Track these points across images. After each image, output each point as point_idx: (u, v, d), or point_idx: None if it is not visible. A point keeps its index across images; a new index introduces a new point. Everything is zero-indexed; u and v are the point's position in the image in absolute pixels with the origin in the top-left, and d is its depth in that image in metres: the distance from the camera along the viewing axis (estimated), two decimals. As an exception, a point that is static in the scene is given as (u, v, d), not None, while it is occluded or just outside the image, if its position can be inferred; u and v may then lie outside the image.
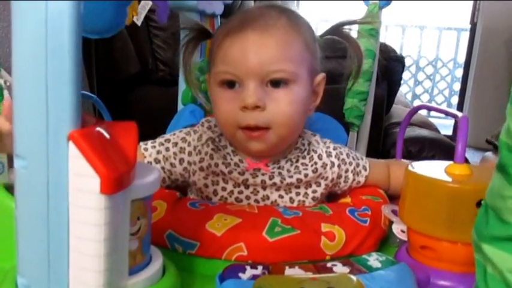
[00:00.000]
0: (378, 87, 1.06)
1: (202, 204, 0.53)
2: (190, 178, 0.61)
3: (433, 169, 0.48)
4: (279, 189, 0.60)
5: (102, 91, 1.41)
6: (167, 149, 0.61)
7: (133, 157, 0.35)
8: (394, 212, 0.55)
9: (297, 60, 0.56)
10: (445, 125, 3.10)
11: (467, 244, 0.33)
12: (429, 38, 4.20)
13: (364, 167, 0.64)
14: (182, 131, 0.63)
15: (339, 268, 0.43)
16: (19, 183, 0.33)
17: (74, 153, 0.31)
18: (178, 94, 0.94)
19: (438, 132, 1.82)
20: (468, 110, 3.28)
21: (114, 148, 0.34)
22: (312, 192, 0.61)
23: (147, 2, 0.92)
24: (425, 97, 4.23)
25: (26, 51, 0.30)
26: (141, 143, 0.62)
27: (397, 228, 0.54)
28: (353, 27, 0.65)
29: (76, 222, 0.32)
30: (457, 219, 0.44)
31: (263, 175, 0.59)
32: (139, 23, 0.93)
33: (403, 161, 0.69)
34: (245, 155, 0.61)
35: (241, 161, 0.60)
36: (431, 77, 4.26)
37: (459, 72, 3.89)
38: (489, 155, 2.00)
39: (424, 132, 1.63)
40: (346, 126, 0.94)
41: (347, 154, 0.64)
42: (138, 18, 0.94)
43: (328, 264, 0.44)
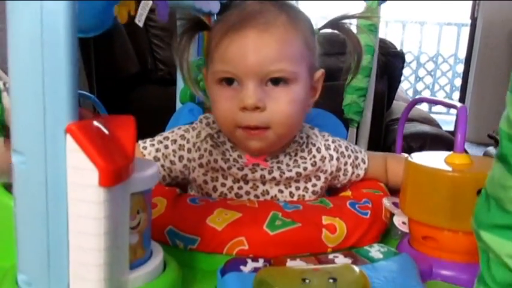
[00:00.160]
0: (378, 83, 1.06)
1: (202, 200, 0.52)
2: (190, 175, 0.61)
3: (433, 159, 0.48)
4: (279, 183, 0.60)
5: (101, 91, 1.42)
6: (166, 147, 0.61)
7: (131, 150, 0.35)
8: (395, 205, 0.55)
9: (297, 58, 0.56)
10: (447, 121, 3.10)
11: (468, 233, 0.32)
12: (429, 34, 4.19)
13: (363, 160, 0.64)
14: (181, 128, 0.63)
15: (341, 259, 0.43)
16: (18, 179, 0.33)
17: (72, 146, 0.31)
18: (176, 93, 0.94)
19: (440, 127, 1.81)
20: (470, 105, 3.27)
21: (112, 141, 0.34)
22: (312, 186, 0.61)
23: (148, 2, 0.92)
24: (426, 93, 4.22)
25: (22, 48, 0.31)
26: (140, 142, 0.62)
27: (399, 220, 0.54)
28: (352, 22, 0.64)
29: (75, 216, 0.32)
30: (458, 208, 0.44)
31: (262, 170, 0.59)
32: (141, 24, 0.93)
33: (400, 155, 0.69)
34: (244, 151, 0.61)
35: (240, 157, 0.60)
36: (432, 73, 4.25)
37: (460, 67, 3.89)
38: (491, 150, 2.00)
39: (426, 127, 1.62)
40: (345, 122, 0.94)
41: (346, 147, 0.64)
42: (140, 18, 0.93)
43: (330, 256, 0.44)
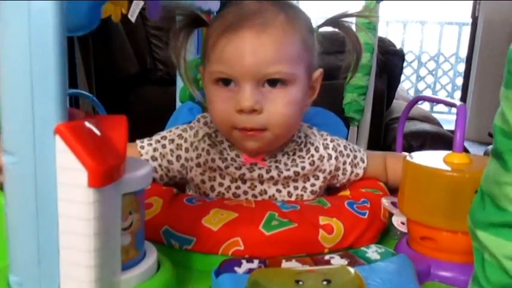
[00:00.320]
0: (377, 81, 1.06)
1: (199, 200, 0.52)
2: (187, 175, 0.61)
3: (432, 159, 0.47)
4: (277, 183, 0.59)
5: (101, 91, 1.42)
6: (164, 146, 0.61)
7: (123, 150, 0.34)
8: (394, 204, 0.54)
9: (295, 59, 0.55)
10: (448, 120, 3.08)
11: (467, 233, 0.32)
12: (430, 33, 4.18)
13: (362, 159, 0.63)
14: (178, 128, 0.63)
15: (337, 261, 0.43)
16: (8, 179, 0.33)
17: (61, 147, 0.31)
18: (176, 92, 0.94)
19: (440, 126, 1.80)
20: (471, 104, 3.26)
21: (103, 141, 0.33)
22: (311, 185, 0.60)
23: (139, 2, 0.91)
24: (427, 92, 4.20)
25: (10, 48, 0.30)
26: (138, 141, 0.61)
27: (397, 220, 0.53)
28: (351, 21, 0.64)
29: (65, 217, 0.32)
30: (457, 208, 0.43)
31: (260, 169, 0.58)
32: (133, 19, 0.93)
33: (400, 154, 0.68)
34: (242, 151, 0.60)
35: (237, 156, 0.60)
36: (433, 72, 4.24)
37: (461, 66, 3.87)
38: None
39: (426, 126, 1.61)
40: (346, 121, 0.93)
41: (344, 146, 0.63)
42: (132, 15, 0.93)
43: (326, 257, 0.43)
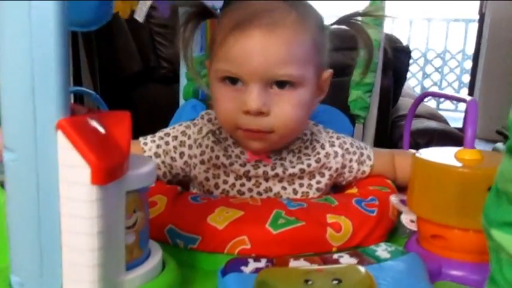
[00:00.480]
0: (383, 78, 1.04)
1: (203, 198, 0.51)
2: (191, 172, 0.60)
3: (442, 155, 0.46)
4: (282, 180, 0.58)
5: (105, 90, 1.41)
6: (167, 143, 0.60)
7: (126, 147, 0.33)
8: (403, 202, 0.53)
9: (304, 60, 0.53)
10: (455, 118, 3.06)
11: (479, 231, 0.31)
12: (437, 30, 4.15)
13: (368, 157, 0.62)
14: (182, 125, 0.62)
15: (346, 259, 0.42)
16: (9, 177, 0.32)
17: (63, 143, 0.30)
18: (179, 90, 0.93)
19: (447, 124, 1.79)
20: (478, 102, 3.23)
21: (106, 138, 0.32)
22: (316, 183, 0.59)
23: (147, 2, 0.90)
24: (434, 90, 4.17)
25: (10, 43, 0.30)
26: (141, 138, 0.61)
27: (406, 218, 0.52)
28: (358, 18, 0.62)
29: (68, 215, 0.31)
30: (469, 205, 0.42)
31: (265, 166, 0.57)
32: (141, 20, 0.92)
33: (408, 151, 0.67)
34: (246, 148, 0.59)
35: (242, 153, 0.59)
36: (439, 70, 4.21)
37: (468, 63, 3.84)
38: (500, 146, 1.97)
39: (433, 124, 1.60)
40: (352, 118, 0.92)
41: (350, 144, 0.62)
42: (140, 14, 0.92)
43: (334, 255, 0.42)
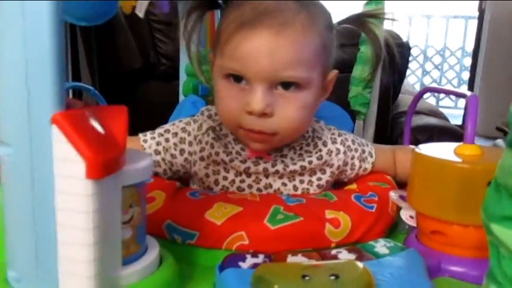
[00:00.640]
0: (383, 74, 1.04)
1: (202, 193, 0.51)
2: (191, 169, 0.59)
3: (442, 150, 0.46)
4: (282, 177, 0.58)
5: (105, 87, 1.41)
6: (167, 140, 0.59)
7: (123, 141, 0.33)
8: (403, 198, 0.53)
9: (312, 62, 0.53)
10: (454, 115, 3.06)
11: (479, 227, 0.31)
12: (436, 27, 4.14)
13: (370, 154, 0.62)
14: (182, 121, 0.62)
15: (345, 255, 0.41)
16: (5, 172, 0.32)
17: (58, 137, 0.30)
18: (179, 86, 0.93)
19: (447, 120, 1.78)
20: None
21: (102, 132, 0.32)
22: (317, 179, 0.59)
23: (148, -4, 0.90)
24: (433, 87, 4.17)
25: (4, 36, 0.29)
26: (140, 135, 0.60)
27: (406, 214, 0.52)
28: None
29: (63, 210, 0.31)
30: (468, 201, 0.42)
31: (265, 163, 0.57)
32: (141, 15, 0.92)
33: (409, 147, 0.67)
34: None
35: (242, 150, 0.58)
36: (439, 67, 4.20)
37: (468, 60, 3.84)
38: (500, 142, 1.96)
39: (433, 120, 1.59)
40: (352, 114, 0.92)
41: (352, 140, 0.62)
42: (140, 10, 0.92)
43: (333, 251, 0.42)
